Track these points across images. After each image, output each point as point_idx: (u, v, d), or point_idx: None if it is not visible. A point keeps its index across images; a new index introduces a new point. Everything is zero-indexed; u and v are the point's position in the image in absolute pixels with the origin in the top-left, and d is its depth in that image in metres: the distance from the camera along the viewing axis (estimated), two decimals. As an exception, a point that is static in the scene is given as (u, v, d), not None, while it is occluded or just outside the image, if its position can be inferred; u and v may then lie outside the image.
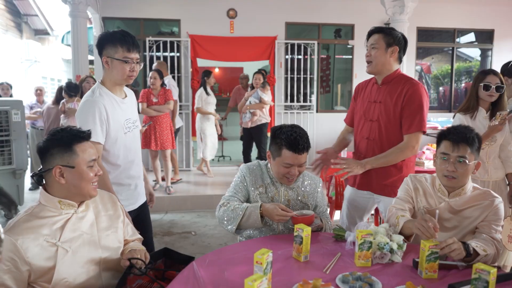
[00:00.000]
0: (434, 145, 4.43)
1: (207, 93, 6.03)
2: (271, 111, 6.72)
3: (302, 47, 7.16)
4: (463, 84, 8.79)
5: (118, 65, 2.01)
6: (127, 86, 2.24)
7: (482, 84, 2.81)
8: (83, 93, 4.59)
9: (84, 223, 1.58)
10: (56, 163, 1.48)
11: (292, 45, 7.13)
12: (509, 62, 3.22)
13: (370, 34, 2.41)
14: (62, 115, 4.48)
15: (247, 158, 6.22)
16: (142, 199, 2.33)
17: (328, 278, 1.52)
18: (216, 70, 12.23)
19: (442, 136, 1.93)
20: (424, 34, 7.71)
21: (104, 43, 2.01)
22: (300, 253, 1.66)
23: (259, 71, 6.14)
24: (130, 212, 2.15)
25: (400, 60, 2.42)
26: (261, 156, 6.08)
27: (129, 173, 2.17)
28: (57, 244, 1.46)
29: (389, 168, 2.38)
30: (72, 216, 1.54)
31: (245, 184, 2.14)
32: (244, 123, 6.08)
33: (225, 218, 2.00)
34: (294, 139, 1.97)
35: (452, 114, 7.58)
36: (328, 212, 2.27)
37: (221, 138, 10.41)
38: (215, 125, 6.24)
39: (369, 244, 1.63)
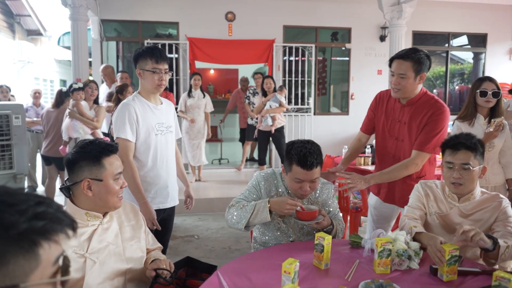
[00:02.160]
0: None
1: (189, 96, 5.92)
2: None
3: (300, 50, 7.21)
4: (456, 87, 8.93)
5: (148, 76, 2.28)
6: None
7: (479, 91, 2.88)
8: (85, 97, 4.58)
9: (109, 233, 1.60)
10: (85, 176, 1.50)
11: (290, 48, 7.18)
12: None
13: (394, 58, 2.33)
14: (67, 118, 4.47)
15: (263, 161, 6.28)
16: (173, 202, 2.50)
17: (350, 286, 1.56)
18: (211, 71, 12.23)
19: (445, 145, 1.99)
20: (419, 37, 7.82)
21: (138, 57, 2.30)
22: (321, 261, 1.70)
23: (269, 76, 6.24)
24: (158, 211, 2.33)
25: None
26: (282, 158, 6.10)
27: (158, 172, 2.36)
28: (85, 255, 1.48)
29: (411, 184, 2.35)
30: (98, 227, 1.56)
31: (259, 191, 2.17)
32: (264, 126, 6.15)
33: (235, 217, 2.03)
34: (303, 155, 1.97)
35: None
36: (340, 215, 2.29)
37: (217, 139, 10.47)
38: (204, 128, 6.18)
39: (389, 251, 1.67)
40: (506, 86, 7.96)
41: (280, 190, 2.17)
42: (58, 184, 5.57)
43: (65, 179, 1.58)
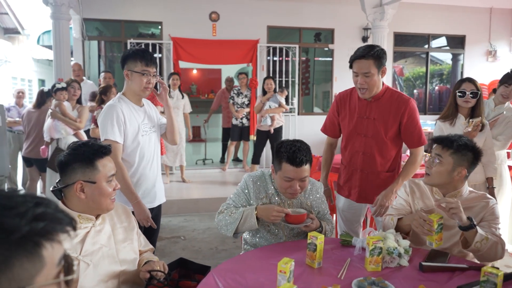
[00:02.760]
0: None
1: (168, 96, 5.87)
2: (254, 115, 6.77)
3: (284, 51, 7.25)
4: (436, 87, 9.13)
5: (136, 77, 2.29)
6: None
7: (457, 91, 2.98)
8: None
9: (102, 236, 1.58)
10: (78, 178, 1.48)
11: (274, 49, 7.21)
12: None
13: (355, 59, 2.34)
14: (49, 118, 4.38)
15: (257, 160, 6.31)
16: (159, 201, 2.52)
17: (343, 284, 1.58)
18: (194, 71, 12.17)
19: (435, 139, 2.07)
20: (400, 38, 7.96)
21: (127, 58, 2.30)
22: (314, 260, 1.72)
23: (269, 77, 6.26)
24: None
25: None
26: None
27: (145, 172, 2.39)
28: (79, 258, 1.47)
29: (384, 179, 2.50)
30: (91, 229, 1.55)
31: (247, 195, 2.17)
32: (263, 126, 6.18)
33: (223, 223, 2.08)
34: (293, 152, 1.98)
35: (427, 116, 7.94)
36: (329, 214, 2.31)
37: (200, 140, 10.43)
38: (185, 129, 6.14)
39: (380, 249, 1.71)
40: (483, 86, 8.20)
41: (269, 191, 2.17)
42: (39, 186, 5.47)
43: (57, 181, 1.56)
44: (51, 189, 1.54)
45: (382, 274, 1.68)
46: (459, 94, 2.97)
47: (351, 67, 2.38)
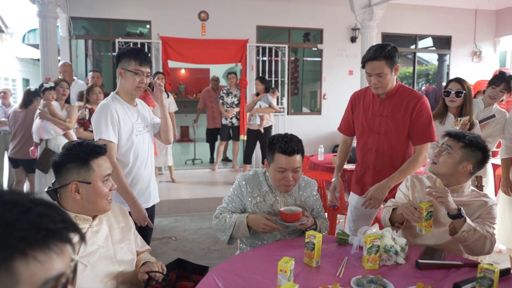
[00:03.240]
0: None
1: None
2: (244, 114, 6.76)
3: (273, 50, 7.26)
4: (423, 87, 9.25)
5: (130, 76, 2.27)
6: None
7: (443, 90, 3.09)
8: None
9: (99, 236, 1.56)
10: (73, 178, 1.46)
11: (264, 48, 7.21)
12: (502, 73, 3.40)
13: (368, 60, 2.36)
14: (38, 119, 4.30)
15: (248, 159, 6.31)
16: (154, 201, 2.52)
17: (342, 282, 1.59)
18: (182, 71, 12.11)
19: (448, 133, 2.10)
20: (388, 39, 8.04)
21: (121, 56, 2.28)
22: (312, 258, 1.72)
23: (257, 77, 6.25)
24: None
25: None
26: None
27: (139, 172, 2.39)
28: (76, 259, 1.44)
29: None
30: (88, 230, 1.52)
31: (241, 195, 2.17)
32: (252, 125, 6.18)
33: (218, 229, 2.12)
34: (285, 142, 2.04)
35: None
36: (323, 212, 2.33)
37: (189, 140, 10.37)
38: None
39: (377, 247, 1.72)
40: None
41: (264, 189, 2.17)
42: (25, 188, 5.36)
43: (52, 181, 1.53)
44: (45, 189, 1.51)
45: (379, 272, 1.69)
46: (445, 93, 3.07)
47: (363, 67, 2.41)
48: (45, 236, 0.58)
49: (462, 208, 1.83)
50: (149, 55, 6.72)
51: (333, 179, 2.79)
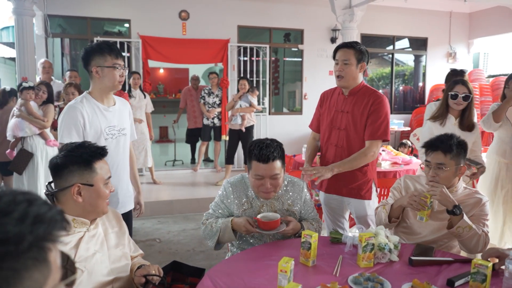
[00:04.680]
0: (389, 147, 4.74)
1: (130, 96, 5.66)
2: (225, 114, 6.73)
3: (255, 50, 7.26)
4: (401, 87, 9.44)
5: (109, 72, 2.13)
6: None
7: (450, 93, 2.95)
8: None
9: (96, 241, 1.52)
10: (76, 181, 1.42)
11: (245, 48, 7.20)
12: None
13: (338, 48, 2.54)
14: (15, 118, 4.16)
15: (231, 160, 6.26)
16: (125, 208, 2.35)
17: (339, 281, 1.60)
18: (161, 71, 11.96)
19: (425, 145, 2.12)
20: (366, 40, 8.17)
21: (92, 54, 2.11)
22: (309, 258, 1.73)
23: (244, 77, 6.20)
24: None
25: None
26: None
27: None
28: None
29: (354, 172, 2.54)
30: (84, 234, 1.48)
31: (228, 203, 2.14)
32: (233, 125, 6.11)
33: (206, 235, 2.11)
34: (260, 149, 1.98)
35: (392, 115, 8.19)
36: (315, 213, 2.27)
37: (168, 140, 10.25)
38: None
39: (372, 246, 1.74)
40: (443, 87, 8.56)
41: (249, 194, 2.14)
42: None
43: (46, 183, 1.48)
44: (44, 192, 1.46)
45: (375, 269, 1.71)
46: (452, 96, 2.93)
47: (334, 57, 2.56)
48: (57, 220, 0.64)
49: (459, 205, 1.89)
50: (128, 54, 6.64)
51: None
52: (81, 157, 1.45)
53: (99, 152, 1.49)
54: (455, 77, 3.34)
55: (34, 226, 0.59)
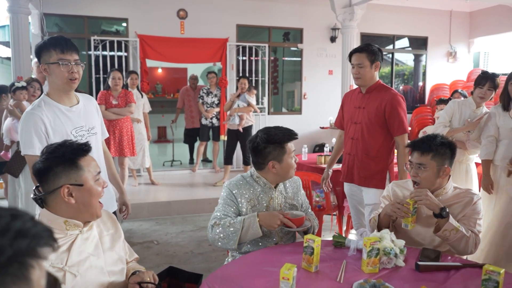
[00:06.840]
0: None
1: None
2: (224, 114, 6.66)
3: (254, 50, 7.18)
4: (401, 87, 9.39)
5: (55, 69, 1.93)
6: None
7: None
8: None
9: (89, 244, 1.45)
10: (63, 182, 1.34)
11: (244, 48, 7.13)
12: None
13: (352, 53, 2.78)
14: (9, 118, 4.08)
15: (229, 160, 6.19)
16: (108, 210, 2.16)
17: (344, 287, 1.53)
18: (159, 70, 11.89)
19: (409, 145, 2.11)
20: (366, 39, 8.10)
21: (40, 51, 1.94)
22: (311, 263, 1.66)
23: (245, 76, 6.10)
24: None
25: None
26: (245, 158, 6.20)
27: None
28: (64, 268, 1.33)
29: (367, 162, 2.81)
30: (77, 237, 1.41)
31: (234, 198, 2.06)
32: (231, 125, 6.02)
33: (222, 236, 1.91)
34: (285, 130, 2.08)
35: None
36: (310, 209, 2.29)
37: (166, 140, 10.17)
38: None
39: (377, 250, 1.67)
40: (445, 86, 8.51)
41: (257, 190, 2.08)
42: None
43: (33, 187, 1.41)
44: (32, 196, 1.38)
45: (380, 275, 1.65)
46: None
47: (350, 60, 2.82)
48: (43, 236, 0.61)
49: (445, 208, 1.86)
50: (126, 54, 6.56)
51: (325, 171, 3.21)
52: (63, 157, 1.36)
53: (82, 148, 1.41)
54: (485, 79, 3.36)
55: (15, 240, 0.57)
